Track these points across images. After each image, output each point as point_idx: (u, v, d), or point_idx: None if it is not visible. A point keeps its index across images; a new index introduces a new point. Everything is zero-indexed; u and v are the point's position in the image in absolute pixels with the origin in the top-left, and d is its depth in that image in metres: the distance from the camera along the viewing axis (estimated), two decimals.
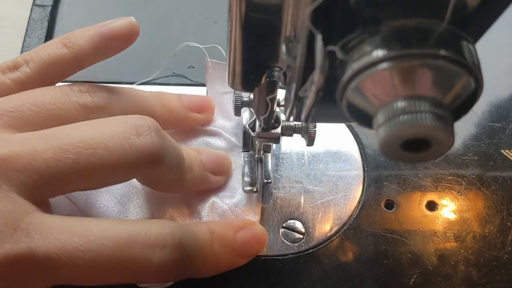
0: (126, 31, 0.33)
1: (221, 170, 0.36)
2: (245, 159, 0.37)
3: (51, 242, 0.25)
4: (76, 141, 0.26)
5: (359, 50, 0.20)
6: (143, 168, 0.28)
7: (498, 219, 0.36)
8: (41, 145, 0.26)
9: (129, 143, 0.27)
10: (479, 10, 0.19)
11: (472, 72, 0.19)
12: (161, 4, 0.47)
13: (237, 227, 0.32)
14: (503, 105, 0.42)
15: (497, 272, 0.34)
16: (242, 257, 0.32)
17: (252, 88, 0.28)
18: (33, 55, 0.32)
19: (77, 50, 0.32)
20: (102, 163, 0.26)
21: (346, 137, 0.40)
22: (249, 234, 0.33)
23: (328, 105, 0.23)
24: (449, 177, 0.38)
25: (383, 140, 0.20)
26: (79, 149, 0.26)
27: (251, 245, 0.33)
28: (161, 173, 0.30)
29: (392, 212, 0.36)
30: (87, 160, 0.26)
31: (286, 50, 0.23)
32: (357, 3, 0.19)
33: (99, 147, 0.26)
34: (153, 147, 0.27)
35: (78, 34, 0.32)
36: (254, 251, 0.33)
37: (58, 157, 0.26)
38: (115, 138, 0.27)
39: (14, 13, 0.48)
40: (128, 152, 0.27)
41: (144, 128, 0.28)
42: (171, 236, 0.28)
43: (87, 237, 0.26)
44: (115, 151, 0.27)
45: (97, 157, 0.26)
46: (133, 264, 0.26)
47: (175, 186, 0.32)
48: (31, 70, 0.31)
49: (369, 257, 0.35)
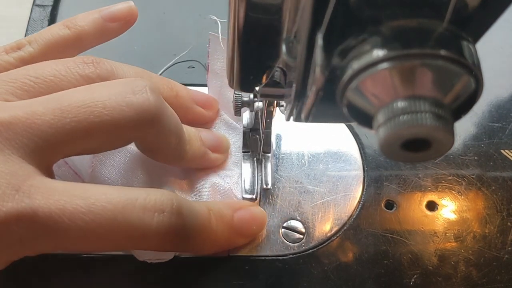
0: (125, 14, 0.35)
1: (220, 148, 0.37)
2: (245, 161, 0.37)
3: (52, 203, 0.25)
4: (74, 102, 0.27)
5: (359, 50, 0.20)
6: (141, 127, 0.29)
7: (498, 219, 0.36)
8: (41, 108, 0.27)
9: (126, 101, 0.28)
10: (479, 10, 0.19)
11: (472, 72, 0.19)
12: (161, 4, 0.47)
13: (235, 208, 0.33)
14: (503, 105, 0.42)
15: (497, 272, 0.34)
16: (241, 236, 0.33)
17: (252, 88, 0.28)
18: (37, 36, 0.33)
19: (79, 31, 0.34)
20: (100, 120, 0.27)
21: (346, 137, 0.40)
22: (248, 215, 0.33)
23: (328, 105, 0.23)
24: (449, 177, 0.38)
25: (383, 140, 0.20)
26: (78, 109, 0.27)
27: (250, 225, 0.33)
28: (160, 136, 0.30)
29: (392, 212, 0.36)
30: (85, 119, 0.27)
31: (286, 50, 0.23)
32: (357, 3, 0.19)
33: (97, 106, 0.27)
34: (149, 105, 0.28)
35: (80, 17, 0.34)
36: (253, 231, 0.34)
37: (58, 117, 0.26)
38: (111, 97, 0.27)
39: (14, 13, 0.48)
40: (124, 109, 0.27)
41: (140, 87, 0.28)
42: (170, 202, 0.28)
43: (88, 199, 0.26)
44: (113, 108, 0.27)
45: (95, 115, 0.27)
46: (132, 227, 0.27)
47: (174, 156, 0.33)
48: (34, 50, 0.33)
49: (369, 257, 0.35)
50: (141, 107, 0.28)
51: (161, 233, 0.28)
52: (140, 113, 0.28)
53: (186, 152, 0.33)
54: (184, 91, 0.37)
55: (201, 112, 0.38)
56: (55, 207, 0.25)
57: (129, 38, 0.44)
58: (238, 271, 0.33)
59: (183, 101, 0.36)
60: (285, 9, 0.22)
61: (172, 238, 0.29)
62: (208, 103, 0.38)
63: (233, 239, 0.33)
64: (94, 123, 0.27)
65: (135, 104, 0.28)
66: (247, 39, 0.24)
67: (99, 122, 0.27)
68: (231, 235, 0.33)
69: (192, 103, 0.37)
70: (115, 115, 0.27)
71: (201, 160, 0.35)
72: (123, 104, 0.27)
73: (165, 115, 0.29)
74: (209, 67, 0.39)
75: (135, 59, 0.43)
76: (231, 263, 0.34)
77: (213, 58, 0.39)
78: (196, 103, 0.37)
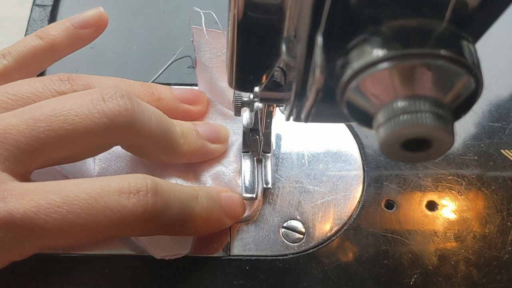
0: (96, 20, 0.36)
1: (219, 138, 0.37)
2: (245, 161, 0.37)
3: (26, 203, 0.25)
4: (47, 112, 0.27)
5: (359, 50, 0.20)
6: (116, 132, 0.29)
7: (498, 219, 0.36)
8: (14, 119, 0.27)
9: (97, 108, 0.28)
10: (479, 10, 0.19)
11: (472, 72, 0.19)
12: (161, 4, 0.47)
13: (220, 190, 0.34)
14: (503, 105, 0.42)
15: (498, 272, 0.34)
16: (228, 217, 0.34)
17: (252, 88, 0.28)
18: (10, 49, 0.34)
19: (51, 40, 0.34)
20: (73, 128, 0.27)
21: (346, 137, 0.40)
22: (231, 196, 0.34)
23: (328, 105, 0.23)
24: (449, 177, 0.38)
25: (383, 140, 0.20)
26: (51, 118, 0.27)
27: (235, 205, 0.34)
28: (142, 139, 0.30)
29: (392, 212, 0.36)
30: (59, 127, 0.27)
31: (286, 50, 0.23)
32: (358, 3, 0.19)
33: (69, 114, 0.27)
34: (120, 110, 0.28)
35: (52, 27, 0.35)
36: (238, 212, 0.34)
37: (31, 127, 0.27)
38: (83, 105, 0.28)
39: (14, 13, 0.48)
40: (96, 117, 0.28)
41: (110, 94, 0.29)
42: (144, 182, 0.28)
43: (61, 192, 0.26)
44: (85, 116, 0.28)
45: (68, 123, 0.27)
46: (109, 211, 0.27)
47: (168, 153, 0.33)
48: (9, 62, 0.33)
49: (369, 257, 0.35)
50: (113, 113, 0.28)
51: (139, 214, 0.27)
52: (113, 119, 0.28)
53: (181, 146, 0.33)
54: (167, 92, 0.37)
55: (188, 109, 0.38)
56: (29, 205, 0.25)
57: (129, 38, 0.45)
58: (239, 271, 0.33)
59: (167, 102, 0.36)
60: (285, 9, 0.22)
61: (154, 218, 0.28)
62: (195, 98, 0.38)
63: (223, 219, 0.33)
64: (68, 131, 0.27)
65: (106, 111, 0.28)
66: (247, 39, 0.24)
67: (72, 130, 0.27)
68: (220, 214, 0.33)
69: (177, 102, 0.37)
70: (88, 122, 0.28)
71: (201, 152, 0.36)
72: (95, 111, 0.28)
73: (141, 116, 0.30)
74: (196, 60, 0.39)
75: (135, 59, 0.43)
76: (232, 263, 0.34)
77: (200, 51, 0.39)
78: (182, 101, 0.37)
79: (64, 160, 0.30)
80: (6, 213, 0.25)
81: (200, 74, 0.39)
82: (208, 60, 0.38)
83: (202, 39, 0.38)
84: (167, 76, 0.42)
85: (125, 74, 0.41)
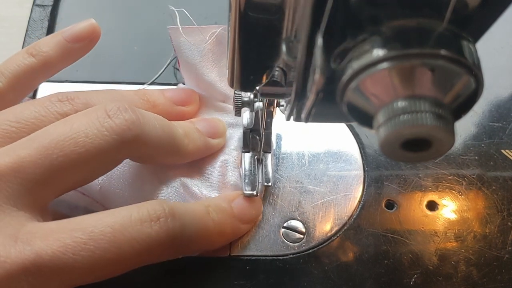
0: (88, 33, 0.34)
1: (218, 132, 0.37)
2: (245, 160, 0.37)
3: (53, 243, 0.25)
4: (56, 137, 0.27)
5: (359, 50, 0.20)
6: (127, 147, 0.29)
7: (498, 219, 0.36)
8: (24, 150, 0.27)
9: (105, 126, 0.28)
10: (479, 10, 0.19)
11: (472, 71, 0.19)
12: (161, 4, 0.47)
13: (230, 199, 0.34)
14: (503, 105, 0.42)
15: (498, 272, 0.34)
16: (244, 223, 0.34)
17: (252, 88, 0.28)
18: (2, 68, 0.33)
19: (44, 57, 0.33)
20: (85, 150, 0.27)
21: (346, 137, 0.40)
22: (244, 201, 0.34)
23: (328, 105, 0.23)
24: (449, 177, 0.38)
25: (384, 140, 0.20)
26: (62, 143, 0.27)
27: (249, 210, 0.34)
28: (150, 148, 0.30)
29: (392, 212, 0.36)
30: (72, 151, 0.27)
31: (286, 50, 0.23)
32: (358, 3, 0.19)
33: (79, 137, 0.27)
34: (128, 125, 0.28)
35: (43, 42, 0.34)
36: (253, 215, 0.35)
37: (44, 156, 0.26)
38: (91, 125, 0.28)
39: (14, 13, 0.48)
40: (106, 135, 0.28)
41: (113, 110, 0.29)
42: (161, 208, 0.29)
43: (85, 229, 0.26)
44: (95, 136, 0.27)
45: (80, 145, 0.27)
46: (135, 242, 0.27)
47: (175, 155, 0.33)
48: (2, 83, 0.32)
49: (370, 257, 0.35)
50: (121, 129, 0.28)
51: (163, 239, 0.28)
52: (122, 134, 0.28)
53: (186, 146, 0.34)
54: (160, 97, 0.37)
55: (182, 111, 0.38)
56: (56, 246, 0.25)
57: (129, 38, 0.45)
58: (239, 271, 0.33)
59: (162, 107, 0.36)
60: (285, 9, 0.22)
61: (175, 241, 0.29)
62: (187, 98, 0.38)
63: (237, 228, 0.34)
64: (81, 154, 0.27)
65: (114, 127, 0.28)
66: (247, 39, 0.24)
67: (85, 152, 0.27)
68: (234, 224, 0.33)
69: (172, 105, 0.37)
70: (99, 141, 0.27)
71: (205, 149, 0.36)
72: (103, 130, 0.28)
73: (147, 125, 0.30)
74: (178, 60, 0.39)
75: (135, 59, 0.43)
76: (232, 263, 0.34)
77: (180, 50, 0.39)
78: (175, 103, 0.38)
79: (78, 183, 0.29)
80: (34, 255, 0.24)
81: (185, 72, 0.40)
82: (190, 57, 0.38)
83: (180, 37, 0.38)
84: (167, 76, 0.42)
85: (125, 74, 0.42)
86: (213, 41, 0.38)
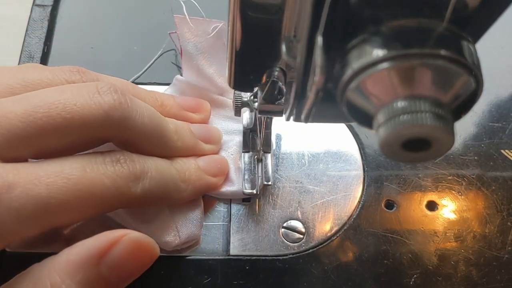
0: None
1: (211, 138, 0.37)
2: (245, 160, 0.37)
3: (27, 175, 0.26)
4: (45, 98, 0.28)
5: (359, 50, 0.20)
6: (111, 127, 0.29)
7: (498, 219, 0.36)
8: (13, 103, 0.27)
9: (94, 101, 0.28)
10: (479, 10, 0.19)
11: (472, 72, 0.19)
12: (161, 4, 0.47)
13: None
14: (503, 105, 0.42)
15: (497, 272, 0.34)
16: (209, 174, 0.35)
17: (252, 88, 0.28)
18: None
19: None
20: (71, 117, 0.27)
21: (346, 137, 0.40)
22: (207, 157, 0.36)
23: (328, 105, 0.23)
24: (449, 177, 0.38)
25: (383, 140, 0.20)
26: (49, 104, 0.27)
27: (213, 163, 0.36)
28: (134, 134, 0.30)
29: (392, 212, 0.36)
30: (58, 114, 0.27)
31: (286, 50, 0.23)
32: (358, 3, 0.19)
33: (67, 103, 0.28)
34: (115, 104, 0.29)
35: None
36: (218, 169, 0.36)
37: (29, 112, 0.27)
38: (80, 96, 0.28)
39: (14, 13, 0.48)
40: (93, 108, 0.28)
41: (104, 88, 0.29)
42: (124, 157, 0.30)
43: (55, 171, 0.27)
44: (82, 106, 0.28)
45: (67, 111, 0.27)
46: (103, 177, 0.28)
47: (161, 148, 0.33)
48: None
49: (370, 257, 0.35)
50: (108, 106, 0.29)
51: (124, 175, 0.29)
52: (108, 112, 0.28)
53: (175, 142, 0.34)
54: (170, 100, 0.37)
55: (189, 116, 0.38)
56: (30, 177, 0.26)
57: (129, 38, 0.45)
58: (238, 271, 0.33)
59: (169, 109, 0.37)
60: (285, 9, 0.22)
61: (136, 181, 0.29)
62: (197, 106, 0.39)
63: (203, 177, 0.35)
64: (66, 119, 0.27)
65: (102, 103, 0.28)
66: (247, 39, 0.24)
67: (70, 118, 0.27)
68: (199, 173, 0.34)
69: (180, 109, 0.38)
70: (85, 112, 0.28)
71: (194, 150, 0.36)
72: (92, 103, 0.28)
73: (134, 110, 0.30)
74: (181, 50, 0.39)
75: (135, 59, 0.43)
76: (231, 263, 0.34)
77: (184, 40, 0.39)
78: (185, 109, 0.38)
79: (58, 152, 0.29)
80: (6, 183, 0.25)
81: (186, 62, 0.39)
82: (193, 47, 0.38)
83: (185, 27, 0.38)
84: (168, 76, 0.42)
85: (125, 74, 0.41)
86: (215, 35, 0.38)
